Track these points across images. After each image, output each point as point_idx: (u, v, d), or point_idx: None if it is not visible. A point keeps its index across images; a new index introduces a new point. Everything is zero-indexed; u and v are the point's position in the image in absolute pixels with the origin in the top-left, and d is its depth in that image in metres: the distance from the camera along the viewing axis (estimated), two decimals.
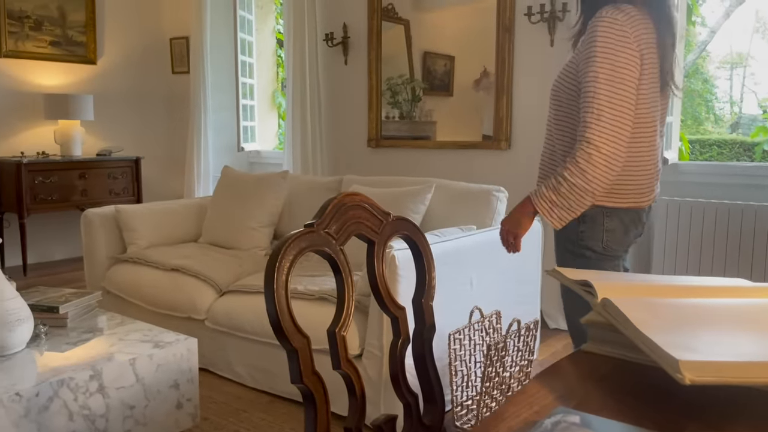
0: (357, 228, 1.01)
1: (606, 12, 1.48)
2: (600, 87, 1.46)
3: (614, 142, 1.46)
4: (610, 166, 1.47)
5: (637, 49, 1.47)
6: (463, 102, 3.98)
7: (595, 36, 1.47)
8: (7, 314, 1.85)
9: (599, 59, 1.46)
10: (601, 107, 1.46)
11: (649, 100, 1.54)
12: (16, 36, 4.74)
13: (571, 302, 1.72)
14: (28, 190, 4.45)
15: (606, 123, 1.45)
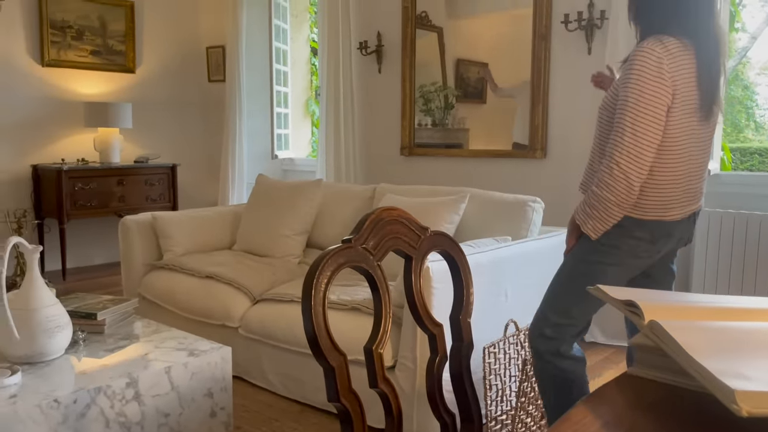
0: (394, 243, 1.00)
1: (647, 43, 1.61)
2: (627, 111, 1.60)
3: (632, 161, 1.59)
4: (630, 182, 1.60)
5: (669, 80, 1.59)
6: (497, 109, 3.95)
7: (632, 64, 1.61)
8: (47, 321, 1.88)
9: (631, 86, 1.59)
10: (625, 129, 1.59)
11: (678, 127, 1.64)
12: (59, 45, 4.86)
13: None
14: (68, 196, 4.55)
15: (627, 143, 1.59)
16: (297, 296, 2.49)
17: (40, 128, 4.82)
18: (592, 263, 1.72)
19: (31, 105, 4.76)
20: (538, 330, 1.77)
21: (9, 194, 4.69)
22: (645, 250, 1.72)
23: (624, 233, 1.69)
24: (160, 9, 5.45)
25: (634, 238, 1.70)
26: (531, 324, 1.81)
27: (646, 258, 1.74)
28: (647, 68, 1.57)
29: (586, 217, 1.68)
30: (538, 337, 1.76)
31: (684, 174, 1.70)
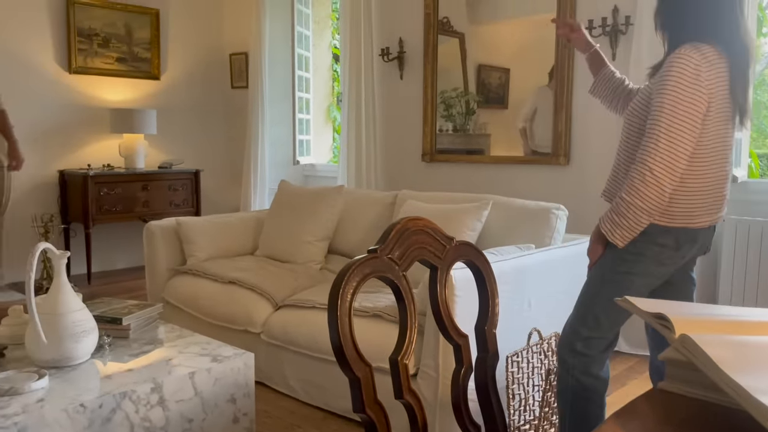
0: (420, 253, 1.00)
1: (684, 50, 1.59)
2: (663, 117, 1.58)
3: (666, 168, 1.58)
4: (661, 188, 1.59)
5: (705, 88, 1.58)
6: (519, 114, 3.93)
7: (670, 71, 1.59)
8: (74, 326, 1.90)
9: (668, 92, 1.58)
10: (660, 135, 1.58)
11: (712, 135, 1.63)
12: (85, 53, 4.95)
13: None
14: (94, 201, 4.62)
15: (662, 150, 1.58)
16: (319, 302, 2.50)
17: (67, 134, 4.91)
18: (619, 273, 1.70)
19: (58, 111, 4.85)
20: (569, 344, 1.75)
21: (37, 199, 4.77)
22: (669, 257, 1.71)
23: (648, 240, 1.68)
24: (184, 16, 5.52)
25: (658, 245, 1.68)
26: (561, 336, 1.80)
27: (669, 265, 1.73)
28: (685, 75, 1.56)
29: (613, 226, 1.66)
30: (568, 352, 1.75)
31: (713, 181, 1.68)
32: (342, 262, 3.22)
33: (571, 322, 1.79)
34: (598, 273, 1.75)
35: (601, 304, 1.71)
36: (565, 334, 1.79)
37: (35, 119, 4.71)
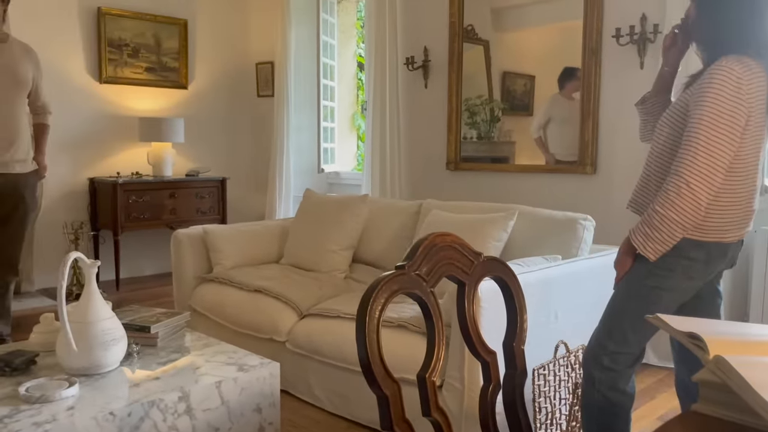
0: (448, 269, 0.99)
1: (726, 62, 1.56)
2: (702, 129, 1.55)
3: (703, 181, 1.55)
4: (697, 202, 1.56)
5: (746, 101, 1.55)
6: (533, 124, 3.90)
7: (711, 82, 1.56)
8: (104, 334, 1.93)
9: (708, 104, 1.55)
10: (698, 147, 1.55)
11: (748, 149, 1.61)
12: (115, 63, 5.04)
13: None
14: (123, 208, 4.69)
15: (700, 162, 1.55)
16: (344, 312, 2.50)
17: (98, 143, 5.00)
18: (648, 288, 1.67)
19: (89, 120, 4.94)
20: (596, 358, 1.73)
21: (67, 206, 4.87)
22: (698, 271, 1.68)
23: (679, 254, 1.65)
24: (212, 26, 5.60)
25: (689, 259, 1.66)
26: (587, 350, 1.77)
27: (698, 280, 1.71)
28: (726, 87, 1.54)
29: (646, 239, 1.63)
30: (595, 366, 1.72)
31: (745, 195, 1.66)
32: (366, 272, 3.22)
33: (597, 336, 1.77)
34: (626, 287, 1.73)
35: (629, 318, 1.69)
36: (591, 349, 1.76)
37: (67, 128, 4.80)
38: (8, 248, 3.18)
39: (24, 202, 3.17)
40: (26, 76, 3.17)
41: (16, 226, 3.18)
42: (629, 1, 3.37)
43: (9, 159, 3.08)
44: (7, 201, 3.12)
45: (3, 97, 3.07)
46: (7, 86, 3.08)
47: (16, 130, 3.11)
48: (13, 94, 3.11)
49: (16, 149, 3.11)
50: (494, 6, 4.17)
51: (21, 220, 3.19)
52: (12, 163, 3.10)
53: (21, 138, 3.14)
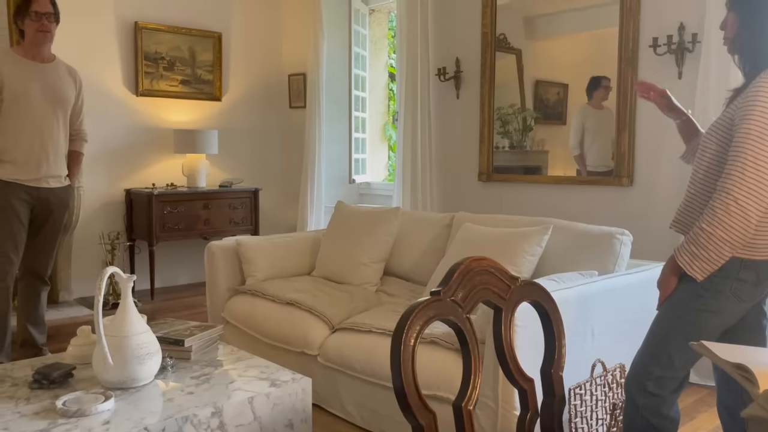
0: (484, 294, 0.97)
1: None
2: (749, 144, 1.51)
3: (752, 198, 1.50)
4: (747, 219, 1.52)
5: None
6: (570, 142, 3.85)
7: (756, 95, 1.53)
8: (139, 348, 1.95)
9: (755, 118, 1.51)
10: (746, 162, 1.51)
11: None
12: (151, 76, 5.14)
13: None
14: (158, 219, 4.77)
15: (749, 178, 1.50)
16: (375, 327, 2.49)
17: (134, 154, 5.10)
18: (695, 310, 1.61)
19: (126, 133, 5.05)
20: (639, 383, 1.67)
21: (105, 217, 4.96)
22: (748, 292, 1.62)
23: (727, 274, 1.59)
24: (245, 39, 5.68)
25: (739, 281, 1.60)
26: (630, 374, 1.72)
27: (748, 302, 1.64)
28: None
29: (692, 259, 1.58)
30: (638, 391, 1.67)
31: None
32: (398, 285, 3.20)
33: (641, 360, 1.71)
34: (671, 309, 1.67)
35: (674, 342, 1.63)
36: (635, 372, 1.71)
37: (104, 140, 4.91)
38: (40, 259, 3.26)
39: (55, 216, 3.25)
40: (68, 96, 3.25)
41: (47, 238, 3.25)
42: (666, 10, 3.30)
43: (44, 174, 3.15)
44: (40, 214, 3.19)
45: (43, 113, 3.14)
46: (49, 104, 3.16)
47: (54, 147, 3.18)
48: (54, 112, 3.18)
49: (51, 165, 3.17)
50: (527, 14, 4.14)
51: (52, 233, 3.27)
52: (47, 179, 3.17)
53: (58, 155, 3.21)
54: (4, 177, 3.06)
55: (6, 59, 3.10)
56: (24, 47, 3.16)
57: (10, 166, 3.07)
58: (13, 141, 3.06)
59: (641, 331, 2.49)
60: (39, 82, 3.13)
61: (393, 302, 2.95)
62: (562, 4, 3.89)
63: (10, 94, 3.05)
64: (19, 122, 3.07)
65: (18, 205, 3.08)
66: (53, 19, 3.14)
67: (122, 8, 4.97)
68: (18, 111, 3.07)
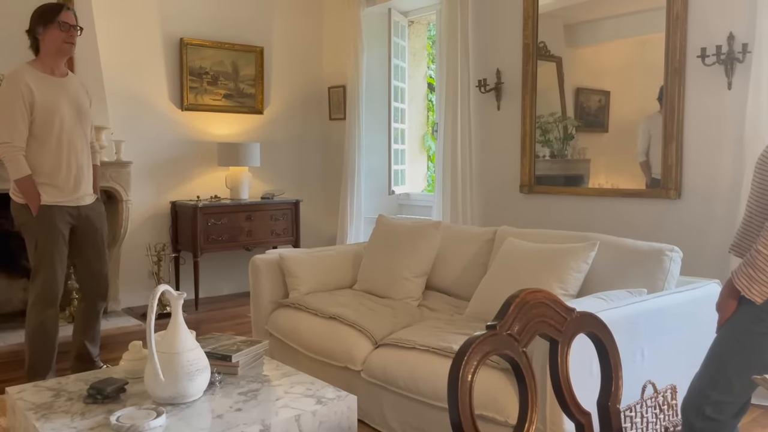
0: (540, 327, 0.96)
1: None
2: None
3: None
4: None
5: None
6: (620, 138, 3.78)
7: None
8: (189, 364, 1.99)
9: None
10: None
11: None
12: (196, 91, 5.26)
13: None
14: (202, 231, 4.86)
15: None
16: (419, 343, 2.48)
17: (179, 167, 5.22)
18: (755, 334, 1.56)
19: (171, 146, 5.17)
20: (697, 408, 1.63)
21: (151, 228, 5.09)
22: None
23: None
24: (286, 53, 5.76)
25: None
26: (687, 398, 1.68)
27: None
28: None
29: (750, 282, 1.55)
30: (696, 415, 1.63)
31: None
32: (440, 299, 3.19)
33: (698, 383, 1.67)
34: (730, 332, 1.63)
35: (734, 367, 1.58)
36: (692, 396, 1.66)
37: (151, 153, 5.04)
38: (98, 277, 3.24)
39: (99, 231, 3.22)
40: (88, 109, 3.18)
41: (99, 254, 3.22)
42: (714, 20, 3.22)
43: (82, 193, 3.11)
44: (85, 233, 3.16)
45: (73, 130, 3.06)
46: (76, 120, 3.07)
47: (87, 164, 3.14)
48: (82, 127, 3.11)
49: (87, 183, 3.14)
50: (567, 22, 4.10)
51: (101, 248, 3.23)
52: (84, 197, 3.13)
53: (89, 171, 3.17)
54: (47, 201, 2.99)
55: (31, 77, 2.95)
56: (42, 60, 3.01)
57: (51, 189, 3.00)
58: (51, 163, 2.99)
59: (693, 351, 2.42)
60: (65, 99, 3.03)
61: (435, 317, 2.94)
62: (605, 10, 3.84)
63: (42, 114, 2.94)
64: (54, 142, 2.98)
65: (63, 229, 3.04)
66: (78, 32, 3.04)
67: (168, 25, 5.10)
68: (51, 130, 2.97)
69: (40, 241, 3.00)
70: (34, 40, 3.02)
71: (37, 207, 2.96)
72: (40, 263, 3.02)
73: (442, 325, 2.68)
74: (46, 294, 3.03)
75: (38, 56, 3.03)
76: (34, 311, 3.04)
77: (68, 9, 3.03)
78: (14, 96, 2.88)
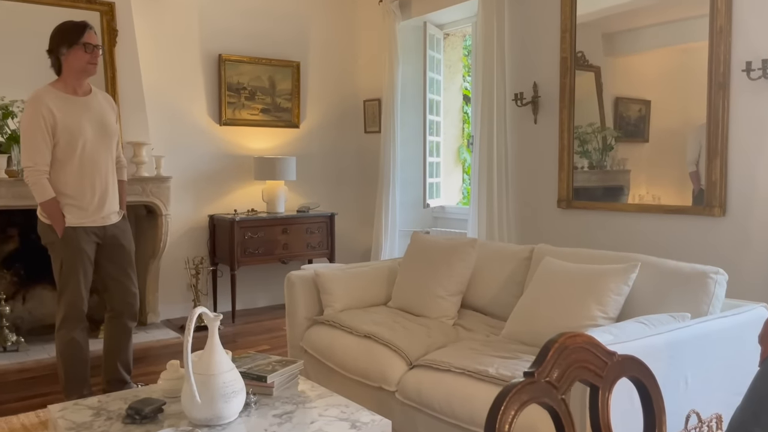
0: (580, 373, 0.94)
1: None
2: None
3: None
4: None
5: None
6: (662, 148, 3.69)
7: None
8: (225, 386, 2.01)
9: None
10: None
11: None
12: (234, 106, 5.34)
13: None
14: (239, 244, 4.92)
15: None
16: (454, 366, 2.45)
17: (217, 181, 5.30)
18: None
19: (210, 160, 5.26)
20: None
21: (189, 242, 5.17)
22: None
23: None
24: (322, 67, 5.81)
25: None
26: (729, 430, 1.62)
27: None
28: None
29: None
30: None
31: None
32: (476, 318, 3.16)
33: (741, 416, 1.61)
34: None
35: None
36: (735, 429, 1.60)
37: (190, 168, 5.13)
38: (126, 295, 3.22)
39: (126, 249, 3.21)
40: (114, 127, 3.17)
41: (127, 271, 3.21)
42: (760, 33, 3.12)
43: (107, 212, 3.11)
44: (111, 252, 3.15)
45: (98, 150, 3.05)
46: (100, 139, 3.05)
47: (112, 183, 3.14)
48: (106, 146, 3.10)
49: (112, 202, 3.14)
50: (606, 31, 4.03)
51: (129, 265, 3.22)
52: (110, 216, 3.13)
53: (115, 189, 3.16)
54: (72, 222, 2.99)
55: (52, 99, 2.94)
56: (64, 81, 3.00)
57: (76, 210, 3.00)
58: (75, 184, 2.99)
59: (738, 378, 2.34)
60: (88, 118, 3.01)
61: (471, 338, 2.91)
62: (645, 19, 3.77)
63: (65, 136, 2.94)
64: (77, 164, 2.98)
65: (88, 249, 3.05)
66: (101, 51, 3.06)
67: (208, 42, 5.20)
68: (74, 151, 2.96)
69: (66, 261, 3.02)
70: (56, 61, 3.00)
71: (62, 229, 2.98)
72: (65, 284, 3.04)
73: (478, 347, 2.65)
74: (73, 313, 3.06)
75: (60, 76, 3.02)
76: (63, 330, 3.06)
77: (90, 28, 3.02)
78: (36, 120, 2.89)
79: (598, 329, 2.15)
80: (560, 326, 2.51)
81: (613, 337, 2.01)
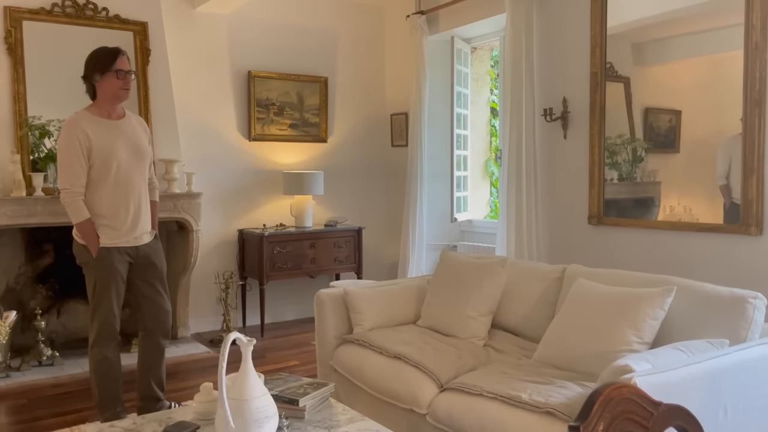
0: (625, 426, 0.92)
1: None
2: None
3: None
4: None
5: None
6: (693, 159, 3.63)
7: None
8: (258, 411, 2.01)
9: None
10: None
11: None
12: (263, 121, 5.40)
13: None
14: (268, 259, 4.96)
15: None
16: (486, 390, 2.43)
17: (246, 196, 5.36)
18: None
19: (239, 175, 5.32)
20: None
21: (219, 256, 5.23)
22: None
23: None
24: (350, 82, 5.84)
25: None
26: None
27: None
28: None
29: None
30: None
31: None
32: (506, 339, 3.13)
33: None
34: None
35: None
36: None
37: (220, 183, 5.19)
38: (159, 314, 3.27)
39: (158, 268, 3.27)
40: (147, 149, 3.25)
41: (159, 291, 3.27)
42: None
43: (140, 233, 3.18)
44: (144, 271, 3.22)
45: (131, 172, 3.13)
46: (133, 162, 3.14)
47: (145, 204, 3.21)
48: (140, 169, 3.18)
49: (145, 222, 3.20)
50: (635, 41, 3.99)
51: (161, 284, 3.28)
52: (142, 236, 3.19)
53: (147, 210, 3.24)
54: (106, 243, 3.06)
55: (87, 123, 3.04)
56: (99, 105, 3.11)
57: (109, 231, 3.07)
58: (109, 205, 3.06)
59: None
60: (122, 141, 3.09)
61: (502, 360, 2.88)
62: (676, 28, 3.73)
63: (100, 158, 3.03)
64: (112, 185, 3.06)
65: (122, 269, 3.11)
66: (133, 76, 3.13)
67: (237, 59, 5.27)
68: (109, 173, 3.05)
69: (99, 281, 3.08)
70: (91, 86, 3.11)
71: (96, 249, 3.05)
72: (99, 303, 3.10)
73: (510, 370, 2.62)
74: (106, 330, 3.11)
75: (95, 101, 3.12)
76: (96, 349, 3.12)
77: (123, 54, 3.11)
78: (72, 143, 2.99)
79: (636, 356, 2.11)
80: (594, 351, 2.48)
81: (651, 366, 1.98)
